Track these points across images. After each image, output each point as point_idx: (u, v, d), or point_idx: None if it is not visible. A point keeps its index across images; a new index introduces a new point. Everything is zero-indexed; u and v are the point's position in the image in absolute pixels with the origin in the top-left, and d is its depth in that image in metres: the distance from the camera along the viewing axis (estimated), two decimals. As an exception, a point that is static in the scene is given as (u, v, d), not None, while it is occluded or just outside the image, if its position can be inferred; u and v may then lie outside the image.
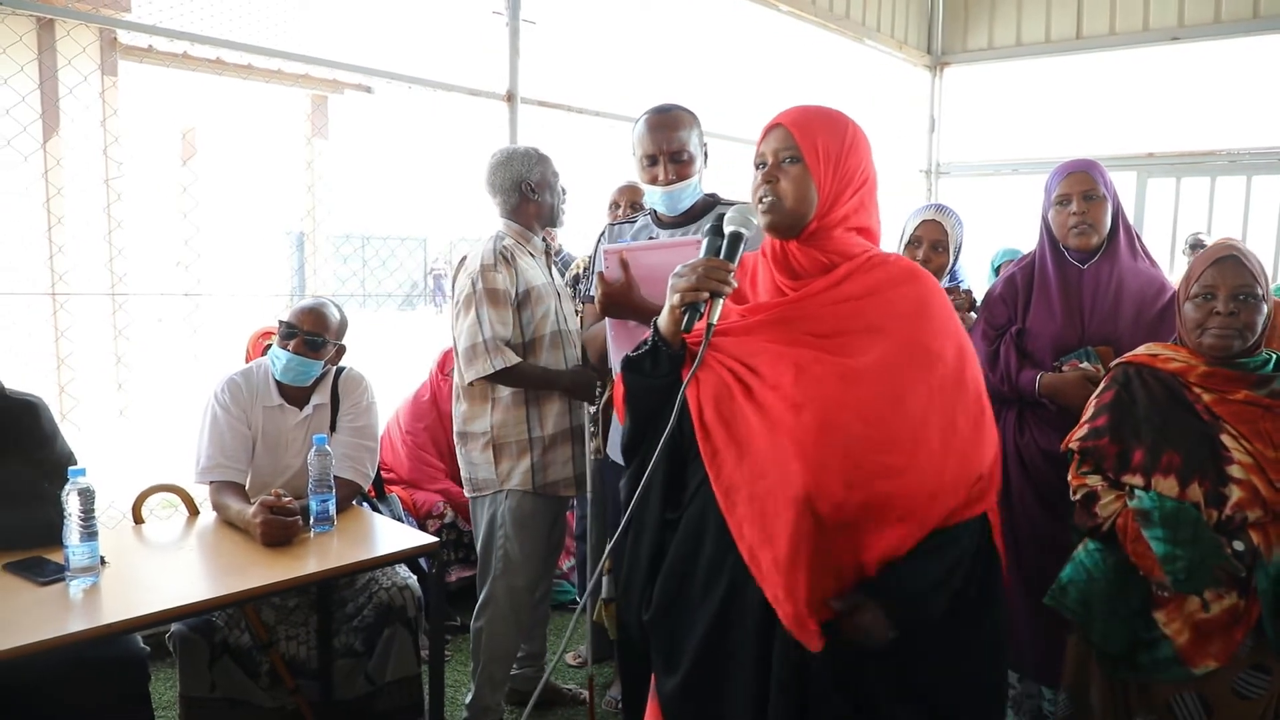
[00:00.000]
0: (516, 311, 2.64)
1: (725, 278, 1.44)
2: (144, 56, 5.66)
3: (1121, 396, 2.03)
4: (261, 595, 2.15)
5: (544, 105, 4.07)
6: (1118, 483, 1.99)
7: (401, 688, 2.54)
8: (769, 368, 1.43)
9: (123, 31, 5.22)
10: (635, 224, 2.48)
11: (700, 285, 1.43)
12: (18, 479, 2.16)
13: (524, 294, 2.65)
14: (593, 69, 6.09)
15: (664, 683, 1.51)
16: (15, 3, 2.81)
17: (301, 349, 2.50)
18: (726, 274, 1.44)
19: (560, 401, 2.70)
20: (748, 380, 1.44)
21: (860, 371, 1.40)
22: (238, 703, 2.46)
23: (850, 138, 1.50)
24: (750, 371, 1.44)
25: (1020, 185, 6.67)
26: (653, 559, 1.54)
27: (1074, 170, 2.42)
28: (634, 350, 1.54)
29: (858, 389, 1.39)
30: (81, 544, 1.92)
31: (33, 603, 1.86)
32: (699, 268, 1.44)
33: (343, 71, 4.48)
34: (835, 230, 1.50)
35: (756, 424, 1.41)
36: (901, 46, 6.51)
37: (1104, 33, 6.13)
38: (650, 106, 2.35)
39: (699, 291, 1.43)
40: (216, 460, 2.46)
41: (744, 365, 1.45)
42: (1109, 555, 2.01)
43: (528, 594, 2.76)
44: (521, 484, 2.67)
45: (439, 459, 3.85)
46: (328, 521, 2.33)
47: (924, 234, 2.73)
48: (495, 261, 2.61)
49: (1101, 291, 2.40)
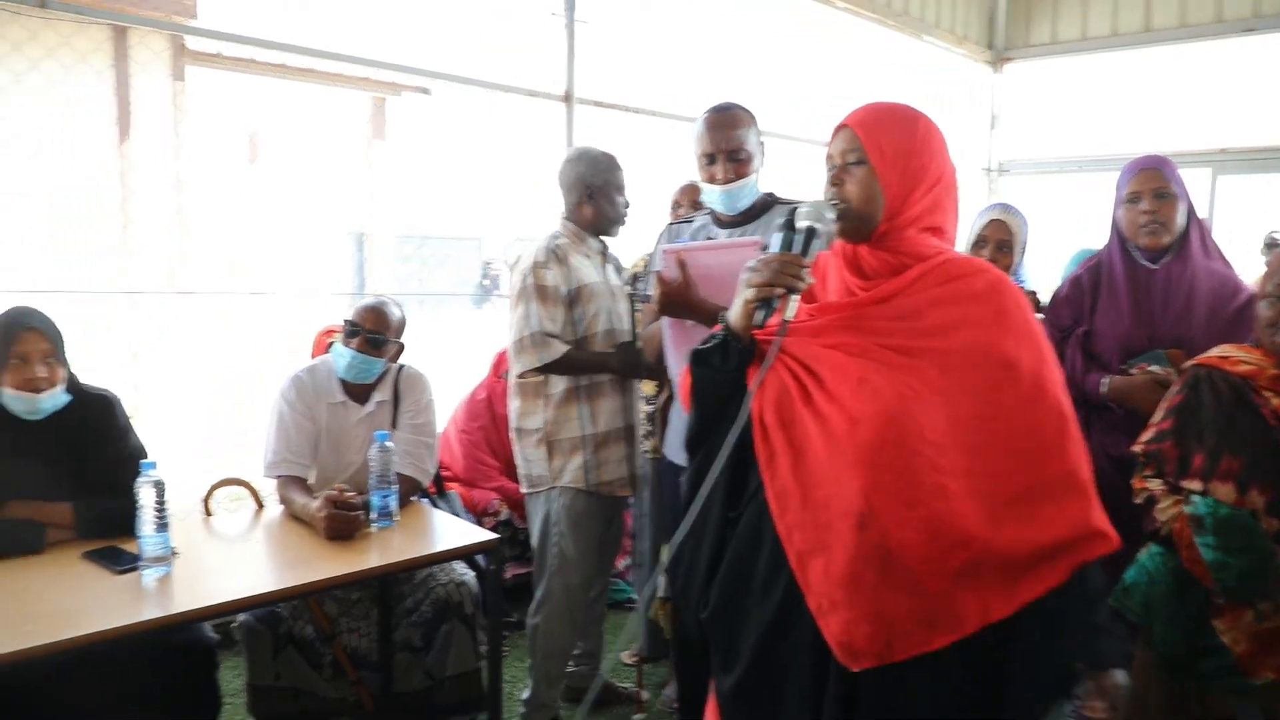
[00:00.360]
0: (568, 308, 2.66)
1: (800, 273, 1.39)
2: (211, 62, 5.82)
3: (1189, 399, 1.98)
4: (325, 588, 2.20)
5: (600, 105, 4.09)
6: (1177, 487, 1.94)
7: (460, 682, 2.57)
8: (831, 375, 1.39)
9: (191, 38, 5.37)
10: (694, 223, 2.48)
11: (774, 280, 1.39)
12: (94, 472, 2.23)
13: (576, 291, 2.67)
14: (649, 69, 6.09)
15: (722, 681, 1.50)
16: (93, 12, 2.91)
17: (364, 347, 2.55)
18: (801, 269, 1.40)
19: (612, 400, 2.72)
20: (808, 385, 1.41)
21: (925, 386, 1.36)
22: (301, 692, 2.52)
23: (921, 135, 1.46)
24: (812, 376, 1.41)
25: (1085, 183, 6.51)
26: (712, 558, 1.53)
27: (1145, 167, 2.36)
28: (703, 343, 1.52)
29: (919, 405, 1.34)
30: (154, 535, 1.98)
31: (109, 591, 1.92)
32: (773, 262, 1.40)
33: (402, 74, 4.56)
34: (907, 231, 1.45)
35: (814, 432, 1.38)
36: (961, 42, 6.39)
37: (1174, 25, 5.94)
38: (708, 105, 2.35)
39: (773, 287, 1.39)
40: (282, 455, 2.52)
41: (806, 369, 1.42)
42: (1169, 560, 1.97)
43: (582, 592, 2.78)
44: (574, 481, 2.69)
45: (493, 457, 3.89)
46: (389, 517, 2.36)
47: (990, 234, 2.68)
48: (547, 259, 2.65)
49: (1173, 292, 2.34)
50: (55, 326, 2.20)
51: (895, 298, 1.44)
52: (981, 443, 1.34)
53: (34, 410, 2.14)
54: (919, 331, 1.40)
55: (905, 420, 1.33)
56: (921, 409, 1.34)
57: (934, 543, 1.31)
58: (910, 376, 1.37)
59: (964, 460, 1.33)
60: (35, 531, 2.12)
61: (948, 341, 1.39)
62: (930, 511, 1.31)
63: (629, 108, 4.27)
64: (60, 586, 1.92)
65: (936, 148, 1.47)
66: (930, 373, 1.37)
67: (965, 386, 1.36)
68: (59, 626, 1.71)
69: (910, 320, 1.41)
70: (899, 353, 1.39)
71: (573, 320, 2.68)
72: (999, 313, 1.42)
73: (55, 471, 2.19)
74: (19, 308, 2.18)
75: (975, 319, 1.41)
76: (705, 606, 1.52)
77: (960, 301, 1.42)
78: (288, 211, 7.79)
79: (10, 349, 2.11)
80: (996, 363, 1.38)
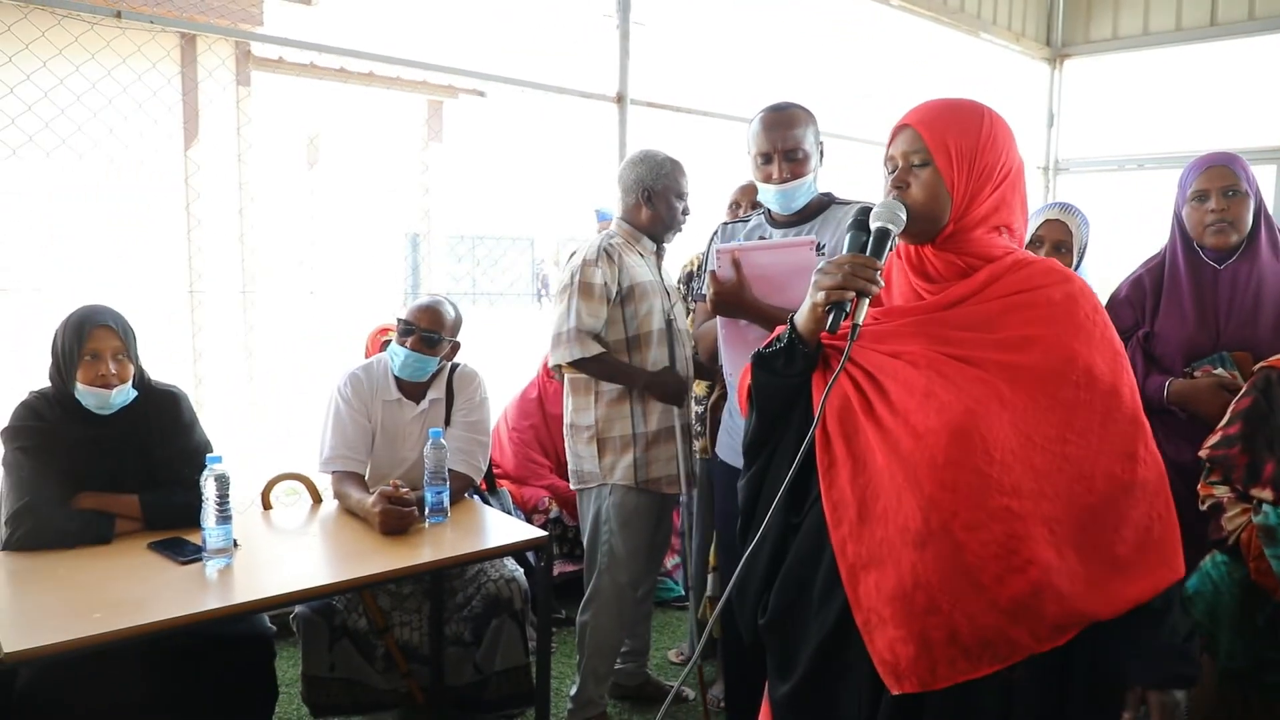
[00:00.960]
0: (621, 307, 2.68)
1: (873, 276, 1.34)
2: (275, 68, 5.96)
3: (1259, 404, 1.91)
4: (379, 582, 2.25)
5: (653, 106, 4.10)
6: (1246, 495, 1.88)
7: (509, 677, 2.60)
8: (895, 386, 1.34)
9: (256, 44, 5.51)
10: (749, 223, 2.47)
11: (847, 284, 1.33)
12: (161, 465, 2.30)
13: (628, 290, 2.68)
14: (703, 69, 6.09)
15: (776, 688, 1.48)
16: (163, 20, 3.00)
17: (419, 346, 2.59)
18: (874, 272, 1.34)
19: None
20: (870, 396, 1.36)
21: (995, 401, 1.30)
22: (354, 683, 2.58)
23: (987, 130, 1.40)
24: (875, 386, 1.36)
25: (1145, 182, 6.34)
26: (771, 563, 1.49)
27: (1213, 164, 2.29)
28: (766, 346, 1.48)
29: (987, 421, 1.28)
30: (217, 526, 2.04)
31: (173, 580, 1.98)
32: (845, 264, 1.34)
33: (458, 77, 4.62)
34: (975, 231, 1.39)
35: (876, 444, 1.34)
36: (1019, 39, 6.27)
37: (1242, 18, 5.75)
38: (765, 104, 2.34)
39: (845, 290, 1.33)
40: (339, 451, 2.57)
41: (870, 378, 1.37)
42: (1235, 569, 1.90)
43: (631, 590, 2.79)
44: (625, 479, 2.70)
45: (544, 456, 3.93)
46: (442, 513, 2.40)
47: (1046, 234, 2.58)
48: (597, 257, 2.67)
49: (1240, 293, 2.26)
50: (127, 324, 2.27)
51: (964, 303, 1.38)
52: (1052, 466, 1.28)
53: (105, 405, 2.21)
54: (990, 344, 1.34)
55: (972, 437, 1.27)
56: (989, 426, 1.28)
57: (993, 566, 1.25)
58: (979, 389, 1.31)
59: (1032, 482, 1.27)
60: (105, 522, 2.19)
61: (1021, 356, 1.33)
62: (991, 535, 1.25)
63: (682, 108, 4.27)
64: (127, 576, 1.98)
65: (1003, 142, 1.41)
66: (1000, 387, 1.30)
67: (1038, 404, 1.30)
68: (126, 614, 1.77)
69: (981, 331, 1.35)
70: (968, 364, 1.33)
71: (624, 318, 2.69)
72: (1070, 315, 1.36)
73: (124, 464, 2.26)
74: (92, 305, 2.25)
75: (1046, 319, 1.34)
76: (764, 612, 1.49)
77: (1029, 299, 1.36)
78: (347, 213, 7.94)
79: (83, 346, 2.18)
80: (1072, 381, 1.32)
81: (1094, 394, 1.32)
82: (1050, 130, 6.73)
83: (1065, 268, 1.43)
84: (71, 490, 2.20)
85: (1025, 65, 6.57)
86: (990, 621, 1.26)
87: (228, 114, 5.52)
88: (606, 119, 3.97)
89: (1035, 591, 1.25)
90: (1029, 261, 1.40)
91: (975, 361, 1.33)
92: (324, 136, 8.46)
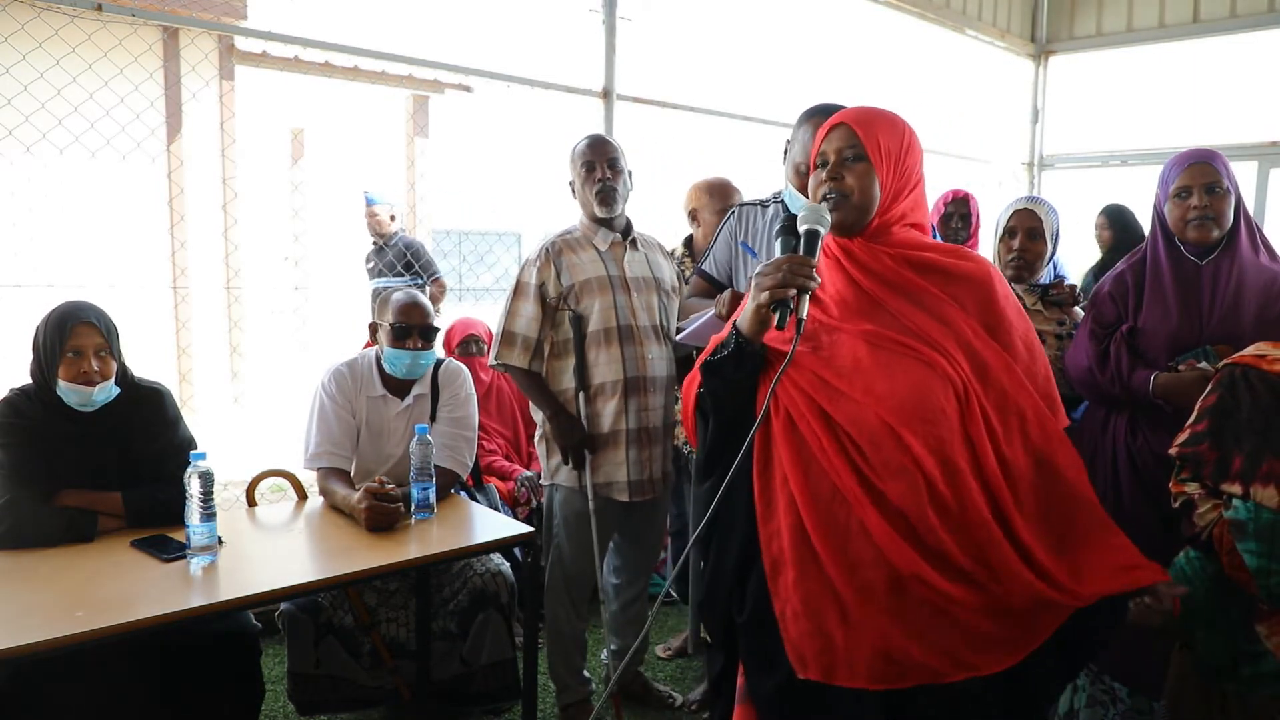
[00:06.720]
0: (567, 307, 2.65)
1: (810, 273, 1.43)
2: (259, 62, 5.92)
3: (1225, 400, 1.92)
4: (364, 578, 2.23)
5: (639, 101, 4.10)
6: (1217, 491, 1.89)
7: (495, 671, 2.61)
8: (838, 379, 1.45)
9: (239, 38, 5.47)
10: (768, 210, 2.47)
11: (788, 281, 1.42)
12: (144, 462, 2.28)
13: (569, 289, 2.65)
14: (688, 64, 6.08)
15: (760, 682, 1.49)
16: (145, 13, 2.98)
17: (421, 343, 2.58)
18: (811, 269, 1.43)
19: (615, 402, 2.64)
20: (813, 393, 1.46)
21: (942, 373, 1.45)
22: (341, 680, 2.57)
23: (908, 138, 1.56)
24: (820, 383, 1.46)
25: (1128, 178, 6.38)
26: (740, 560, 1.52)
27: (1195, 161, 2.31)
28: (712, 355, 1.54)
29: (935, 396, 1.42)
30: (201, 524, 2.02)
31: (157, 578, 1.96)
32: (783, 265, 1.43)
33: (444, 71, 4.59)
34: (895, 226, 1.55)
35: (813, 437, 1.44)
36: (1004, 35, 6.30)
37: (1224, 15, 5.80)
38: (810, 106, 2.32)
39: (786, 288, 1.41)
40: (324, 447, 2.56)
41: (816, 376, 1.47)
42: (1209, 565, 1.92)
43: (580, 585, 2.80)
44: (567, 480, 2.71)
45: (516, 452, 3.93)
46: (428, 509, 2.39)
47: (1018, 223, 2.66)
48: (536, 257, 2.69)
49: (1221, 288, 2.28)
50: (109, 320, 2.25)
51: (901, 282, 1.52)
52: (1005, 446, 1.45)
53: (87, 402, 2.19)
54: (915, 311, 1.49)
55: (913, 422, 1.41)
56: (940, 399, 1.43)
57: (933, 559, 1.38)
58: (915, 365, 1.45)
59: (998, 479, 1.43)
60: (87, 520, 2.17)
61: (947, 322, 1.49)
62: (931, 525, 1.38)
63: (667, 103, 4.27)
64: (110, 574, 1.97)
65: (919, 151, 1.59)
66: (937, 364, 1.45)
67: (979, 372, 1.47)
68: (109, 613, 1.75)
69: (909, 300, 1.51)
70: (902, 340, 1.47)
71: (569, 319, 2.64)
72: (989, 297, 1.54)
73: (107, 461, 2.24)
74: (73, 302, 2.23)
75: (970, 301, 1.52)
76: (740, 610, 1.52)
77: (955, 282, 1.53)
78: (331, 208, 7.91)
79: (65, 342, 2.16)
80: (994, 347, 1.50)
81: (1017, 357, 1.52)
82: (1035, 126, 6.77)
83: (977, 253, 1.63)
84: (54, 488, 2.18)
85: (1010, 61, 6.60)
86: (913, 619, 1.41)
87: (211, 108, 5.48)
88: (593, 114, 3.97)
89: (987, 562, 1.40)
90: (951, 249, 1.58)
91: (908, 342, 1.47)
92: (308, 131, 8.40)
